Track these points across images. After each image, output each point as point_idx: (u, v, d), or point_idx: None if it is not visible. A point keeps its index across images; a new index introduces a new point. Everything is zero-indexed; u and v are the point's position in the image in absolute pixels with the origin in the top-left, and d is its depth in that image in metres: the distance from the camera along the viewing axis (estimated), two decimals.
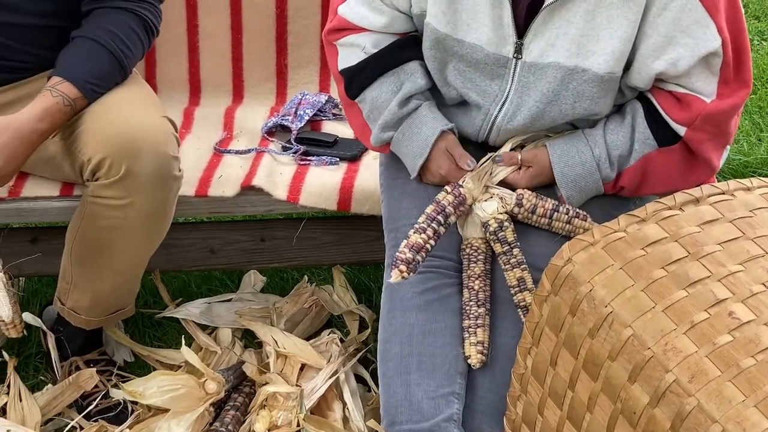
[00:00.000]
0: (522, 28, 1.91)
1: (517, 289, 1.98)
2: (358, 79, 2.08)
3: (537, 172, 2.03)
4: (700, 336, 1.46)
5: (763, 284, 1.51)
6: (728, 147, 2.03)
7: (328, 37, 2.12)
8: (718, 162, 2.00)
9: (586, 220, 2.00)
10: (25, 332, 2.13)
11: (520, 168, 2.03)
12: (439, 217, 1.95)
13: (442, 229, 1.96)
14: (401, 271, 1.89)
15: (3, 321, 2.05)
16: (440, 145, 2.04)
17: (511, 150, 2.05)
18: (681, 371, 1.43)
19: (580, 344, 1.59)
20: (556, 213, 2.00)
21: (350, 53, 2.08)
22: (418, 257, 1.91)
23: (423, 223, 1.94)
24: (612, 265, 1.58)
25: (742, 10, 1.90)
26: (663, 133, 1.97)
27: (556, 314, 1.64)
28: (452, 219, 1.98)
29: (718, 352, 1.43)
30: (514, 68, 1.95)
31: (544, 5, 1.86)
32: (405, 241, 1.92)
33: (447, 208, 1.96)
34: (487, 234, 2.01)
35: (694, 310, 1.49)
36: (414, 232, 1.93)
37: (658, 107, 1.96)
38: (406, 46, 2.07)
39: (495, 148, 2.09)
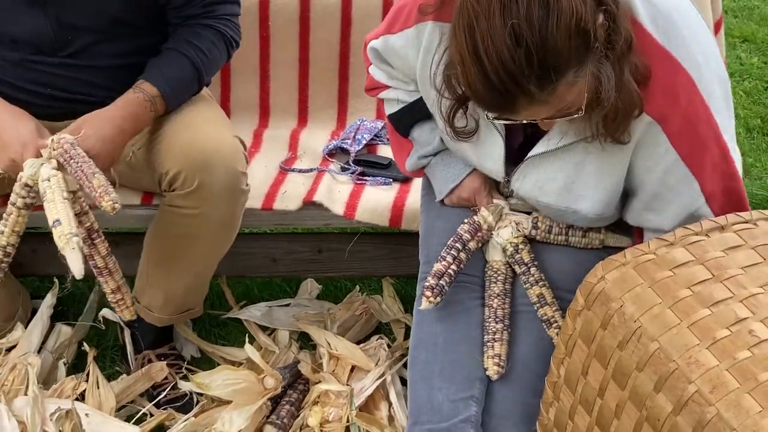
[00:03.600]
0: (515, 160, 1.90)
1: (538, 304, 1.99)
2: (402, 123, 2.10)
3: None
4: (722, 351, 1.45)
5: None
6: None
7: (368, 93, 2.16)
8: None
9: (600, 232, 1.99)
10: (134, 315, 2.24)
11: None
12: (457, 245, 1.99)
13: (462, 255, 1.99)
14: (427, 297, 1.94)
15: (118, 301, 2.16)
16: (471, 177, 2.05)
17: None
18: (703, 383, 1.43)
19: (610, 356, 1.59)
20: (571, 229, 2.00)
21: (390, 104, 2.10)
22: (442, 282, 1.95)
23: (444, 252, 1.98)
24: (641, 284, 1.58)
25: (734, 159, 1.80)
26: None
27: (589, 327, 1.64)
28: (472, 245, 2.00)
29: (738, 366, 1.43)
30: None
31: (528, 156, 1.85)
32: (431, 270, 1.96)
33: (464, 236, 2.00)
34: (506, 257, 2.03)
35: (717, 328, 1.48)
36: (437, 262, 1.98)
37: None
38: None
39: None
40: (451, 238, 2.00)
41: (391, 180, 2.49)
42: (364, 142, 2.62)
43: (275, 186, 2.48)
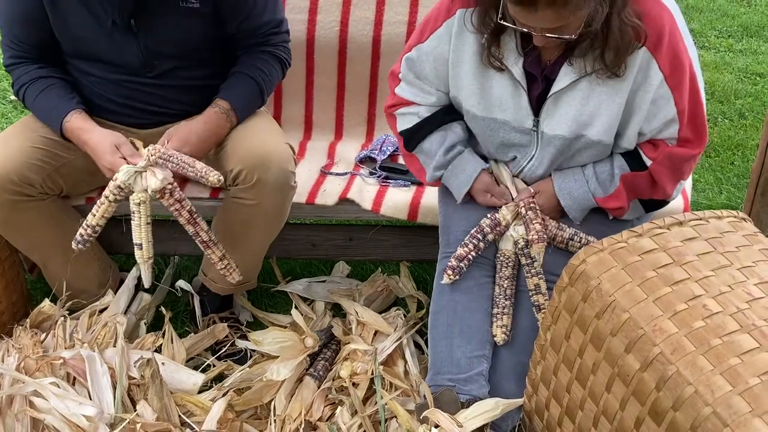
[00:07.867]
0: (536, 108, 1.91)
1: (533, 291, 1.98)
2: (415, 137, 2.08)
3: (546, 197, 2.01)
4: (680, 321, 1.45)
5: (729, 286, 1.50)
6: (683, 182, 1.99)
7: (389, 110, 2.12)
8: (671, 191, 1.97)
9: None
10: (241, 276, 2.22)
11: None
12: (478, 236, 1.99)
13: (481, 245, 1.98)
14: (448, 275, 1.96)
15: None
16: (479, 181, 2.05)
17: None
18: (665, 346, 1.43)
19: (589, 323, 1.59)
20: (571, 241, 1.99)
21: (406, 119, 2.08)
22: (462, 264, 1.96)
23: (467, 239, 1.98)
24: (615, 266, 1.58)
25: (701, 89, 1.88)
26: (634, 163, 1.94)
27: (572, 300, 1.64)
28: (490, 237, 2.00)
29: (694, 333, 1.42)
30: (537, 134, 1.95)
31: (548, 95, 1.87)
32: (454, 253, 1.96)
33: (485, 228, 1.99)
34: (517, 249, 2.01)
35: (677, 302, 1.48)
36: (460, 247, 1.98)
37: (637, 148, 1.94)
38: (449, 112, 2.07)
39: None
40: (474, 229, 1.99)
41: (409, 183, 2.48)
42: (388, 152, 2.61)
43: (316, 186, 2.47)
